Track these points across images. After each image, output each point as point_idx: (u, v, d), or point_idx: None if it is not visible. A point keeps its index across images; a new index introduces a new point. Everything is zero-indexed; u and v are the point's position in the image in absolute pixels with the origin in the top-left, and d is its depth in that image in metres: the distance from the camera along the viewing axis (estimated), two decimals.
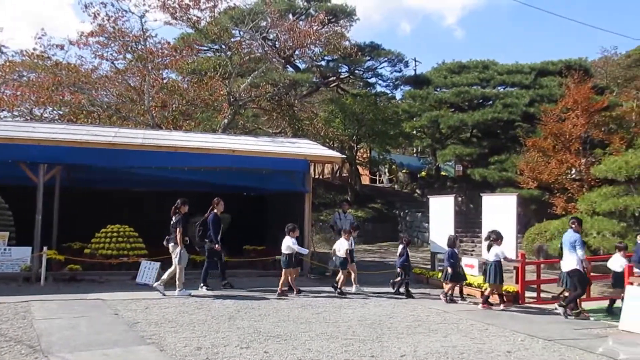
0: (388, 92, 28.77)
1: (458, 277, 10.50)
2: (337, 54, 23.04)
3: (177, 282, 9.76)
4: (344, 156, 20.87)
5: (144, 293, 9.72)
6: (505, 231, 10.62)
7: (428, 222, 14.07)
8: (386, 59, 25.72)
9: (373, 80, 27.58)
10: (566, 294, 10.13)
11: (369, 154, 30.38)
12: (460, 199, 23.90)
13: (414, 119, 27.69)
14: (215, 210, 10.67)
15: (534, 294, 11.01)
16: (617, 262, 10.50)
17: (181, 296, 9.57)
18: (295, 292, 10.29)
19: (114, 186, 14.08)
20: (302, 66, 25.55)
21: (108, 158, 11.46)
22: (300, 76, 23.35)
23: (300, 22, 22.53)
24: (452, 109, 26.51)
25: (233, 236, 12.90)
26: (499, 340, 7.19)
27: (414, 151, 36.48)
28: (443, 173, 30.50)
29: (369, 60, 25.83)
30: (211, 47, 23.69)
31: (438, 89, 27.39)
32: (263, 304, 9.19)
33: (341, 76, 26.93)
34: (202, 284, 10.40)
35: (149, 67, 18.83)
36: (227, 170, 12.65)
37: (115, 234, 12.16)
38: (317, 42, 21.29)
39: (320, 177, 33.24)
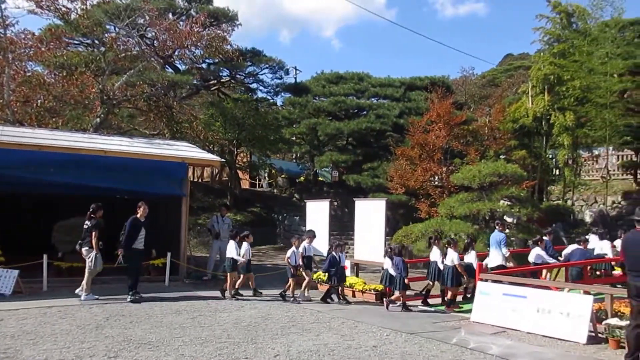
0: (269, 98, 29.14)
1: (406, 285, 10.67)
2: (219, 57, 22.78)
3: (84, 287, 9.60)
4: (223, 160, 20.74)
5: None
6: (375, 233, 11.34)
7: (305, 226, 14.44)
8: (267, 65, 25.97)
9: (254, 85, 27.72)
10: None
11: (249, 158, 30.43)
12: (335, 203, 24.83)
13: (294, 126, 28.33)
14: (138, 215, 10.10)
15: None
16: (535, 255, 11.69)
17: (88, 300, 9.47)
18: (229, 297, 10.52)
19: None
20: (182, 67, 24.91)
21: None
22: (180, 77, 22.78)
23: (181, 23, 21.97)
24: (330, 117, 27.53)
25: (104, 241, 12.29)
26: (367, 336, 7.65)
27: (293, 157, 37.20)
28: (320, 178, 31.45)
29: (250, 65, 25.91)
30: (83, 41, 22.19)
31: (317, 98, 28.31)
32: (135, 310, 8.90)
33: (222, 80, 26.69)
34: (130, 293, 9.86)
35: (9, 58, 17.22)
36: (98, 172, 12.00)
37: None
38: (198, 44, 20.86)
39: (200, 180, 32.62)
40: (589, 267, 12.26)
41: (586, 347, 7.39)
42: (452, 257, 10.57)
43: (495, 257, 11.03)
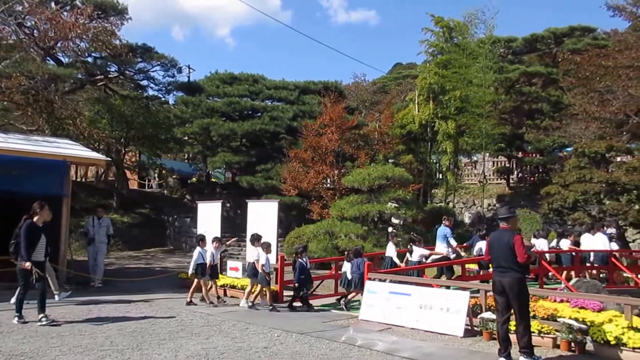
0: (160, 96, 28.19)
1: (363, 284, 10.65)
2: (106, 51, 21.62)
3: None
4: (109, 159, 19.73)
5: None
6: (267, 235, 11.40)
7: (197, 227, 14.17)
8: (159, 62, 25.10)
9: (145, 82, 26.61)
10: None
11: (138, 158, 29.24)
12: (228, 204, 24.59)
13: (186, 125, 27.64)
14: (35, 218, 8.36)
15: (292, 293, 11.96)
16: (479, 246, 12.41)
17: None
18: (207, 303, 10.31)
19: None
20: (65, 60, 23.32)
21: None
22: (63, 71, 21.29)
23: (65, 13, 20.54)
24: (224, 118, 27.23)
25: None
26: (258, 338, 7.68)
27: (185, 157, 36.27)
28: (213, 179, 31.00)
29: (140, 62, 24.87)
30: None
31: (210, 98, 27.92)
32: (6, 319, 8.19)
33: (110, 75, 25.34)
34: (17, 314, 8.15)
35: None
36: None
37: None
38: (84, 36, 19.61)
39: (84, 180, 30.70)
40: None
41: (463, 340, 7.92)
42: (419, 253, 11.37)
43: (439, 249, 12.12)
